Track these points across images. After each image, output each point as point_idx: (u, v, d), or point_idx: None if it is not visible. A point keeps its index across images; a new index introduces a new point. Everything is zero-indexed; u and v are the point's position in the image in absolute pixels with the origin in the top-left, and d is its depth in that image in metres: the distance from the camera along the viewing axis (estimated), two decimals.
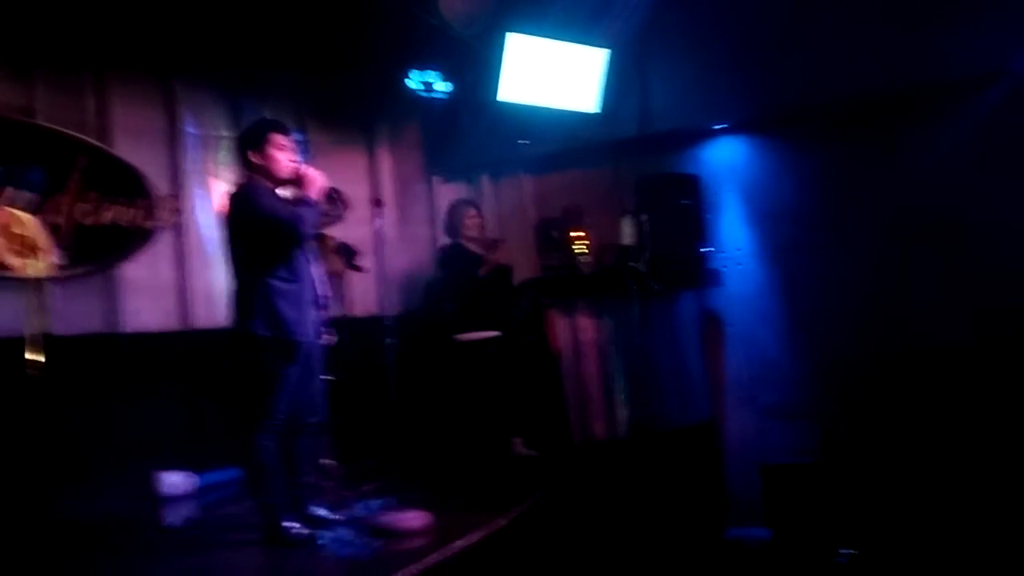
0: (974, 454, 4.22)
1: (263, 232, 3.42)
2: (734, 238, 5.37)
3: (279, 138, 3.56)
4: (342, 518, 3.77)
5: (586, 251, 5.11)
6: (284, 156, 3.53)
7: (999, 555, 3.64)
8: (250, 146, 3.56)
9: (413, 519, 3.64)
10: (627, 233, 5.21)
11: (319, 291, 3.63)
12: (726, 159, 5.46)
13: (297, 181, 3.52)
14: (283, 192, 3.59)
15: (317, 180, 3.51)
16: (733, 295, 5.28)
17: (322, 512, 3.74)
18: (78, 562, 3.59)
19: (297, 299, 3.46)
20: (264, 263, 3.43)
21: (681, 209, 5.20)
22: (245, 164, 3.59)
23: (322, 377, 3.75)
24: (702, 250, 5.22)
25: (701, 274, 5.20)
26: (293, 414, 3.54)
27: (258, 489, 3.52)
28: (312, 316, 3.56)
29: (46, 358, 4.02)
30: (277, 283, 3.42)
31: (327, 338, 3.79)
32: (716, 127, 5.48)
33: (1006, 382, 4.36)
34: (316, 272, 3.64)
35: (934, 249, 4.70)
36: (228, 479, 4.68)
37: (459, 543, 3.41)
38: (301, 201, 3.50)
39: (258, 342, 3.41)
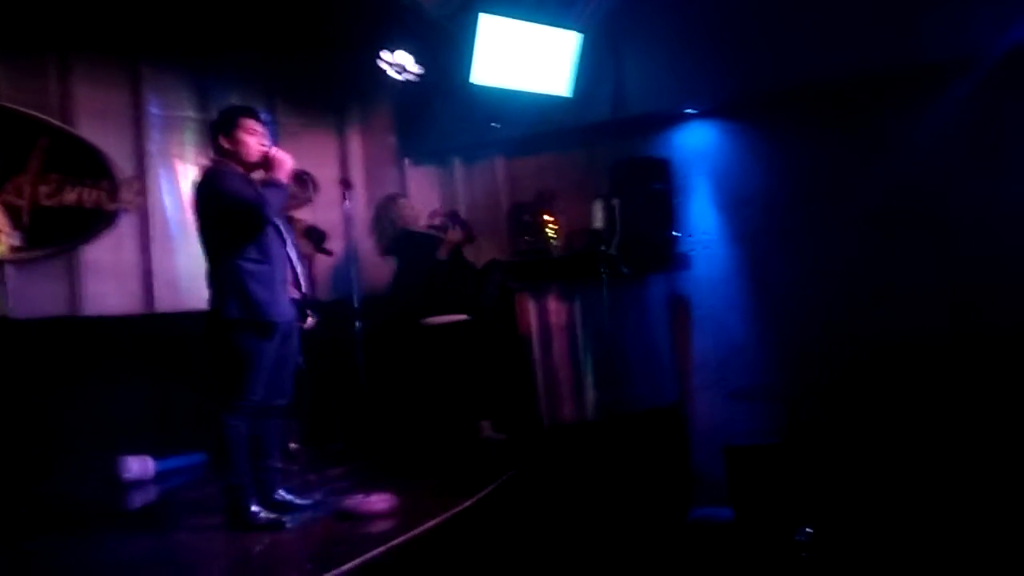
0: (937, 437, 4.27)
1: (230, 214, 3.41)
2: (704, 222, 5.38)
3: (250, 123, 3.57)
4: (308, 502, 3.76)
5: (556, 235, 5.09)
6: (254, 140, 3.55)
7: (959, 533, 3.69)
8: (221, 131, 3.58)
9: (379, 502, 3.62)
10: (598, 217, 5.20)
11: (295, 271, 3.63)
12: (698, 144, 5.48)
13: (266, 164, 3.53)
14: (254, 175, 3.58)
15: (286, 163, 3.52)
16: (702, 279, 5.30)
17: (288, 497, 3.72)
18: (40, 545, 3.54)
19: (268, 279, 3.45)
20: (233, 245, 3.42)
21: (653, 193, 5.20)
22: (216, 149, 3.60)
23: (296, 360, 3.74)
24: (672, 234, 5.23)
25: (671, 258, 5.20)
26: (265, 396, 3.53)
27: (226, 470, 3.50)
28: (285, 297, 3.55)
29: (4, 342, 3.95)
30: (248, 264, 3.41)
31: (309, 321, 3.80)
32: (689, 111, 5.48)
33: (973, 366, 4.41)
34: (291, 252, 3.64)
35: (904, 234, 4.74)
36: (190, 464, 4.65)
37: (425, 525, 3.40)
38: (269, 183, 3.48)
39: (231, 324, 3.41)
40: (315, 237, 5.31)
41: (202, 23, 5.29)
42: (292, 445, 4.47)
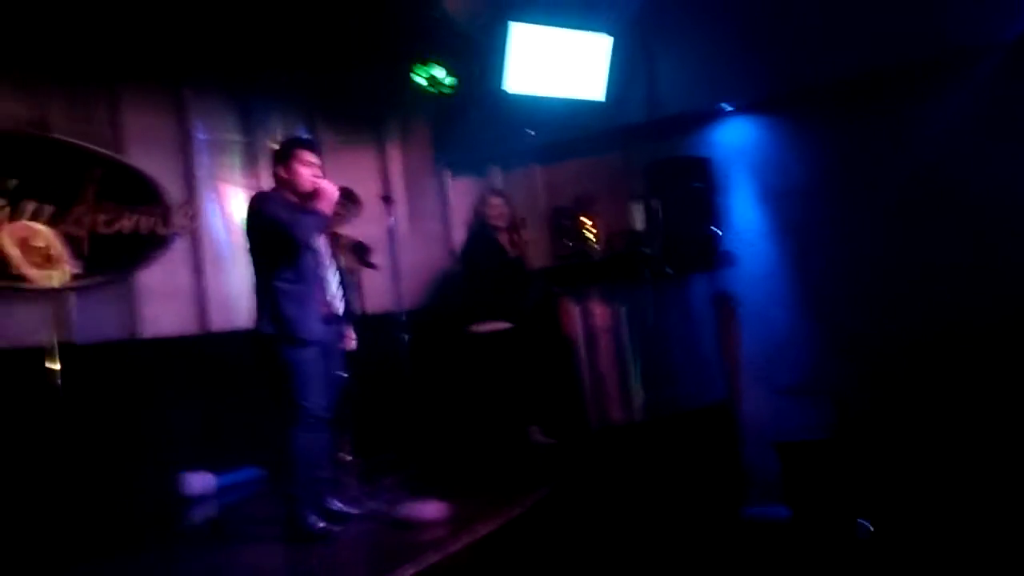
0: (990, 429, 4.17)
1: (268, 238, 3.64)
2: (745, 219, 5.35)
3: (305, 154, 3.79)
4: (359, 512, 3.86)
5: (596, 238, 5.11)
6: (308, 172, 3.75)
7: (1014, 529, 3.60)
8: (278, 160, 3.83)
9: (432, 510, 3.68)
10: (638, 218, 5.21)
11: (330, 293, 3.79)
12: (734, 140, 5.44)
13: (314, 195, 3.71)
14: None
15: (331, 194, 3.74)
16: (746, 275, 5.24)
17: (339, 506, 3.83)
18: (108, 563, 3.68)
19: (301, 299, 3.63)
20: (271, 266, 3.65)
21: (692, 192, 5.19)
22: (274, 176, 3.85)
23: (338, 376, 3.89)
24: (713, 232, 5.20)
25: (713, 256, 5.17)
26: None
27: (286, 480, 3.66)
28: (319, 315, 3.70)
29: (68, 367, 4.10)
30: (282, 284, 3.62)
31: (350, 343, 4.00)
32: (723, 109, 5.45)
33: (1019, 356, 4.31)
34: (329, 275, 3.83)
35: (947, 222, 4.66)
36: (249, 478, 4.77)
37: (478, 532, 3.44)
38: (309, 211, 3.67)
39: (265, 339, 3.62)
40: (360, 252, 5.40)
41: (241, 47, 5.41)
42: (345, 456, 4.55)
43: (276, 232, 3.59)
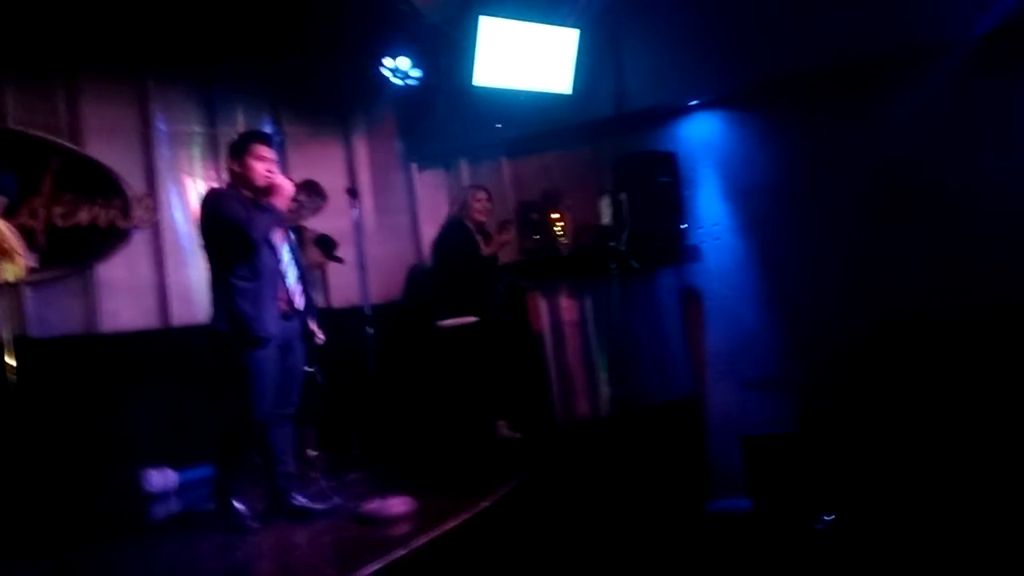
0: (955, 425, 4.25)
1: (223, 235, 3.61)
2: (712, 213, 5.39)
3: (260, 148, 3.75)
4: (324, 507, 3.82)
5: (564, 233, 5.11)
6: (262, 166, 3.71)
7: (975, 521, 3.67)
8: (232, 155, 3.79)
9: (398, 505, 3.66)
10: (606, 213, 5.22)
11: (288, 288, 3.74)
12: (703, 135, 5.47)
13: (269, 190, 3.67)
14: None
15: (285, 190, 3.71)
16: (712, 270, 5.31)
17: (303, 502, 3.80)
18: (65, 560, 3.60)
19: (257, 296, 3.59)
20: (226, 263, 3.62)
21: (659, 187, 5.22)
22: (228, 171, 3.82)
23: (302, 371, 3.86)
24: (680, 227, 5.24)
25: (680, 251, 5.22)
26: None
27: (221, 470, 3.74)
28: (276, 312, 3.66)
29: (24, 362, 4.01)
30: (237, 282, 3.58)
31: (319, 338, 3.93)
32: (691, 103, 5.48)
33: (985, 352, 4.38)
34: (287, 270, 3.76)
35: (912, 218, 4.70)
36: (211, 475, 4.69)
37: (444, 526, 3.43)
38: (262, 208, 3.63)
39: (220, 336, 3.60)
40: (325, 245, 5.35)
41: (205, 37, 5.32)
42: (310, 452, 4.51)
43: (231, 230, 3.56)
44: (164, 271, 5.30)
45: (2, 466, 4.05)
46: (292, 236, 3.95)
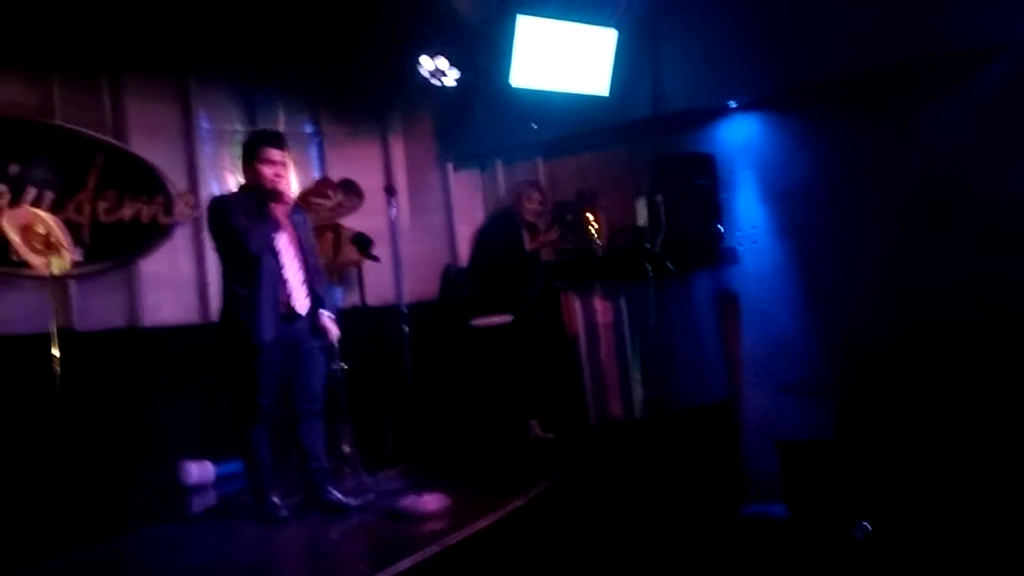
0: (992, 434, 4.16)
1: (225, 243, 3.71)
2: (749, 216, 5.33)
3: (269, 152, 3.74)
4: (358, 503, 3.87)
5: (599, 234, 5.09)
6: (270, 171, 3.71)
7: (1013, 531, 3.60)
8: (244, 158, 3.81)
9: (431, 502, 3.68)
10: (641, 214, 5.19)
11: (291, 292, 3.75)
12: (740, 137, 5.42)
13: (275, 195, 3.70)
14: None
15: (285, 198, 3.74)
16: (749, 273, 5.25)
17: (338, 497, 3.85)
18: (103, 550, 3.67)
19: (255, 304, 3.62)
20: (228, 271, 3.73)
21: (696, 189, 5.18)
22: (243, 174, 3.87)
23: (320, 368, 3.93)
24: (717, 229, 5.19)
25: (716, 253, 5.17)
26: (289, 404, 3.79)
27: (248, 472, 3.82)
28: (276, 318, 3.67)
29: (68, 354, 4.10)
30: (238, 289, 3.66)
31: (332, 335, 3.96)
32: (729, 106, 5.43)
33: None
34: (290, 275, 3.75)
35: (951, 227, 4.61)
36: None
37: (477, 525, 3.44)
38: (265, 215, 3.66)
39: (224, 344, 3.72)
40: (362, 244, 5.39)
41: (247, 37, 5.41)
42: (345, 448, 4.55)
43: (232, 239, 3.63)
44: (204, 267, 5.38)
45: (45, 456, 4.14)
46: (303, 234, 3.90)
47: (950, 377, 4.46)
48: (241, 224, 3.60)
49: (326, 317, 3.91)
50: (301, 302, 3.77)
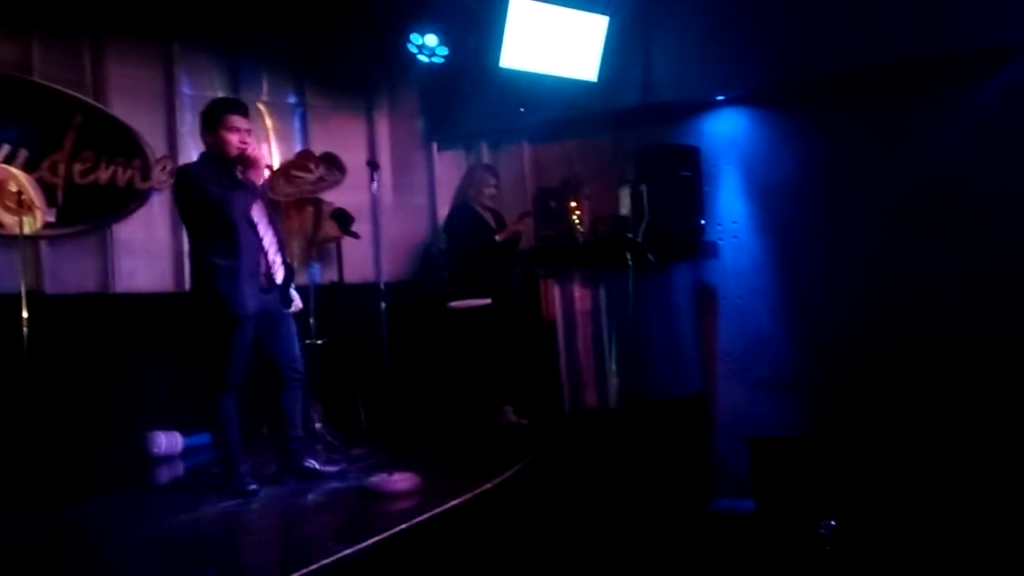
0: (963, 432, 4.21)
1: (199, 213, 3.61)
2: (731, 211, 5.34)
3: (233, 119, 3.69)
4: (334, 470, 3.94)
5: (582, 221, 5.07)
6: (236, 137, 3.66)
7: (982, 530, 3.65)
8: (205, 125, 3.73)
9: (401, 481, 3.67)
10: (625, 203, 5.18)
11: (269, 263, 3.75)
12: (727, 131, 5.42)
13: (243, 161, 3.65)
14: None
15: (260, 162, 3.69)
16: (728, 268, 5.27)
17: (314, 464, 3.91)
18: (67, 519, 3.63)
19: (235, 273, 3.59)
20: (203, 241, 3.63)
21: (680, 180, 5.17)
22: (202, 141, 3.77)
23: (293, 337, 3.93)
24: (699, 222, 5.20)
25: (697, 246, 5.18)
26: (272, 372, 3.80)
27: (218, 443, 3.79)
28: (256, 287, 3.67)
29: (37, 316, 4.02)
30: (215, 259, 3.59)
31: (295, 305, 3.98)
32: (718, 98, 5.42)
33: (999, 362, 4.34)
34: (267, 244, 3.75)
35: (933, 226, 4.65)
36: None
37: (446, 505, 3.43)
38: (238, 185, 3.62)
39: (200, 315, 3.64)
40: (342, 220, 5.34)
41: (235, 4, 5.32)
42: (316, 425, 4.52)
43: (207, 209, 3.54)
44: (180, 235, 5.27)
45: (9, 419, 4.08)
46: (268, 206, 3.90)
47: (926, 379, 4.50)
48: (215, 192, 3.54)
49: (292, 290, 3.95)
50: (279, 272, 3.77)
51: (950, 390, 4.40)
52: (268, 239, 3.75)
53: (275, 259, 3.78)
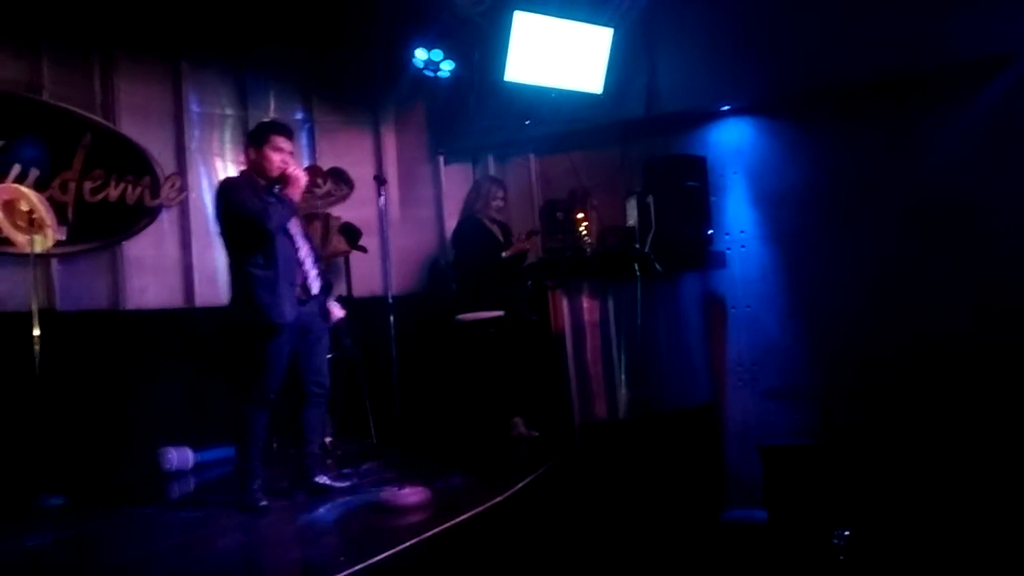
0: (974, 441, 4.19)
1: (239, 225, 3.67)
2: (739, 221, 5.35)
3: (279, 140, 3.80)
4: (345, 485, 3.94)
5: (589, 233, 5.08)
6: (279, 158, 3.77)
7: (993, 539, 3.62)
8: (252, 143, 3.84)
9: (412, 495, 3.65)
10: (632, 215, 5.19)
11: (305, 274, 3.80)
12: (733, 141, 5.44)
13: (283, 180, 3.74)
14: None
15: (300, 181, 3.77)
16: (736, 278, 5.27)
17: (327, 481, 3.91)
18: (81, 535, 3.62)
19: (274, 284, 3.64)
20: (242, 252, 3.69)
21: (687, 191, 5.18)
22: (245, 157, 3.87)
23: (324, 353, 3.97)
24: (707, 232, 5.20)
25: (705, 256, 5.18)
26: (298, 387, 3.81)
27: (239, 454, 3.78)
28: (294, 299, 3.71)
29: (49, 334, 4.05)
30: (254, 270, 3.65)
31: (336, 314, 4.02)
32: (723, 108, 5.44)
33: (1009, 370, 4.32)
34: (303, 256, 3.82)
35: (941, 235, 4.65)
36: (228, 456, 4.71)
37: (457, 518, 3.42)
38: (278, 199, 3.69)
39: (239, 326, 3.67)
40: (350, 234, 5.36)
41: (242, 21, 5.37)
42: (327, 439, 4.53)
43: (247, 221, 3.62)
44: (190, 251, 5.34)
45: (22, 437, 4.09)
46: (303, 222, 4.00)
47: (936, 388, 4.48)
48: (256, 205, 3.63)
49: (332, 300, 4.00)
50: (315, 284, 3.84)
51: (960, 398, 4.38)
52: (304, 251, 3.84)
53: (311, 271, 3.84)
